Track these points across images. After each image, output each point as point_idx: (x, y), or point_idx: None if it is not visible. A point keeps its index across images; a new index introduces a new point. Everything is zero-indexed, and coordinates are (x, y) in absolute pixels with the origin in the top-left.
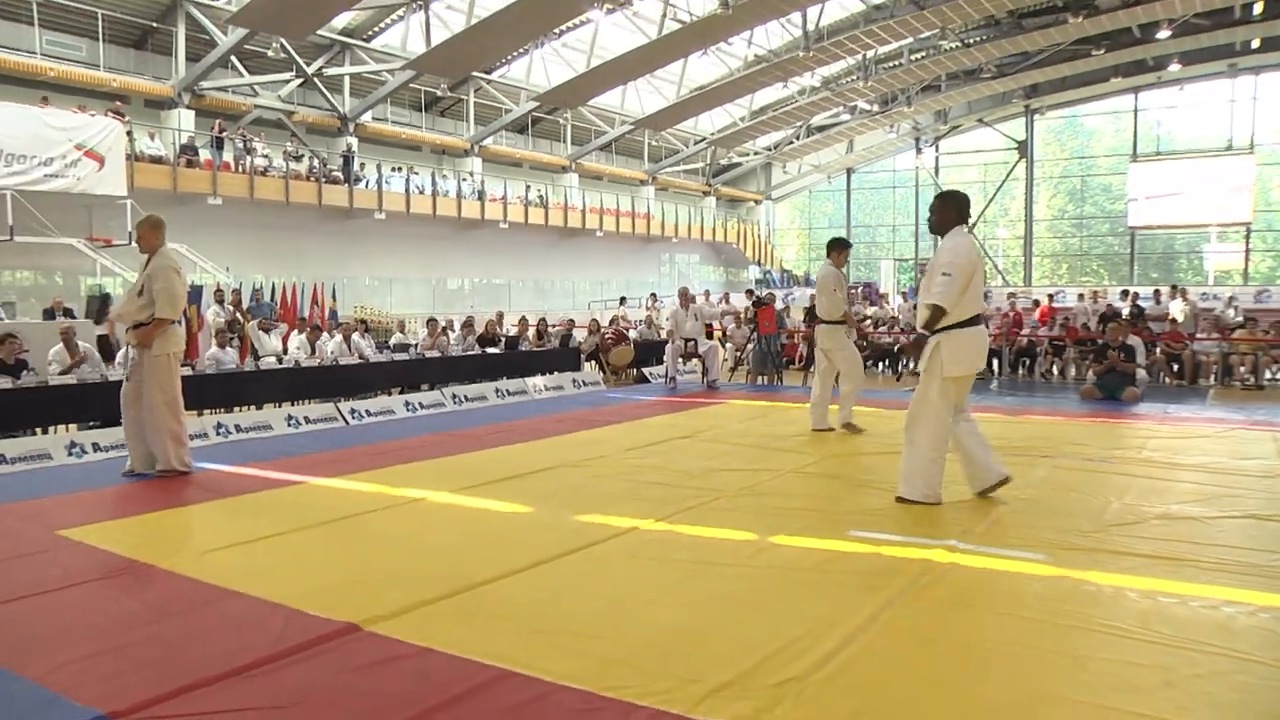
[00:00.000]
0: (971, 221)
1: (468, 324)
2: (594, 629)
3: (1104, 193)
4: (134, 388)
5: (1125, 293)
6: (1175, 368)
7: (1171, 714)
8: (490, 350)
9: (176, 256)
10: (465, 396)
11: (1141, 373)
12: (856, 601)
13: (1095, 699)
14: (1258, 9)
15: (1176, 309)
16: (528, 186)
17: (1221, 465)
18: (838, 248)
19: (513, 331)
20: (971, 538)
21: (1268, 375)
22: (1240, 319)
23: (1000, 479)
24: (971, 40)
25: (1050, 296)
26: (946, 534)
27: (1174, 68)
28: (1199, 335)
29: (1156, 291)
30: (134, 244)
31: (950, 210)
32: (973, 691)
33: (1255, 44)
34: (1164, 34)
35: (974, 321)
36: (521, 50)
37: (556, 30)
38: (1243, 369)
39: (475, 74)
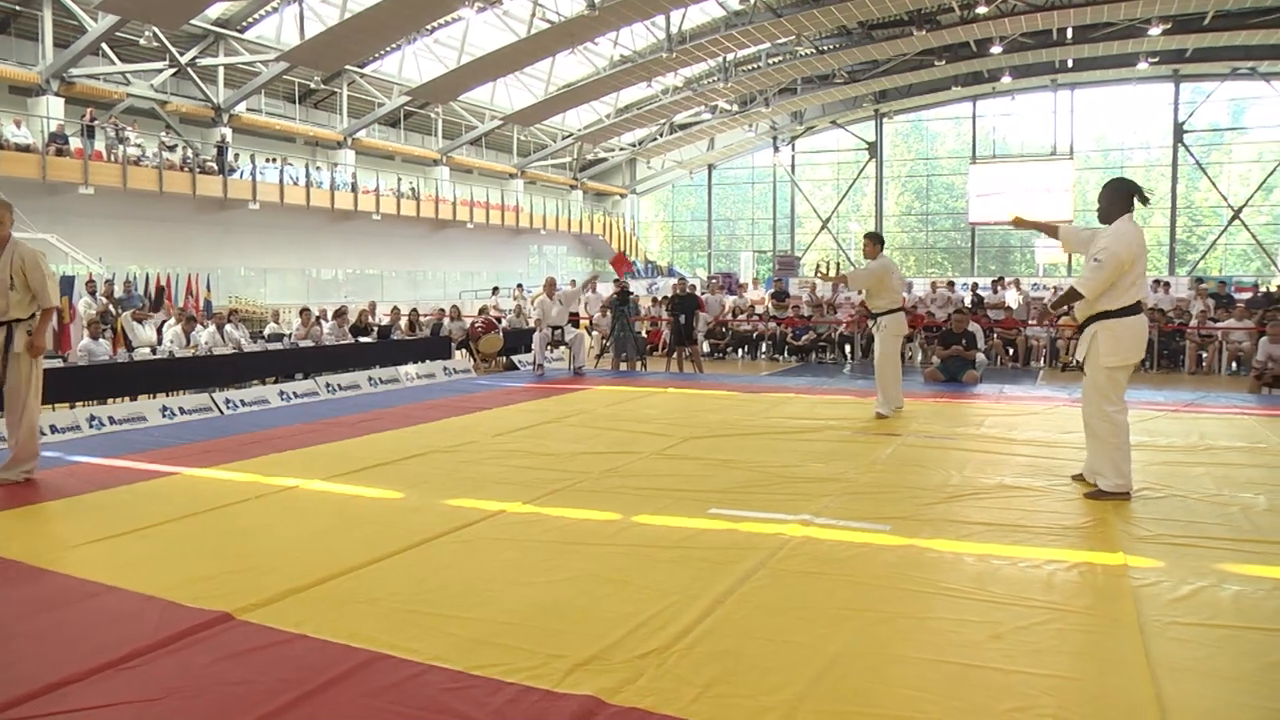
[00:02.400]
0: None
1: (341, 314)
2: (463, 610)
3: (947, 191)
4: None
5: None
6: (1010, 351)
7: (998, 662)
8: (363, 339)
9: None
10: (339, 385)
11: (980, 356)
12: (715, 576)
13: (934, 655)
14: (1069, 33)
15: (1011, 298)
16: (400, 179)
17: (1049, 439)
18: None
19: (385, 321)
20: (824, 513)
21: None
22: (1066, 308)
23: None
24: (825, 48)
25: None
26: (801, 510)
27: (1006, 80)
28: (1030, 322)
29: (994, 282)
30: None
31: (1118, 197)
32: (823, 655)
33: (1070, 63)
34: (997, 49)
35: (1133, 310)
36: (394, 45)
37: (428, 26)
38: (1066, 352)
39: (349, 67)
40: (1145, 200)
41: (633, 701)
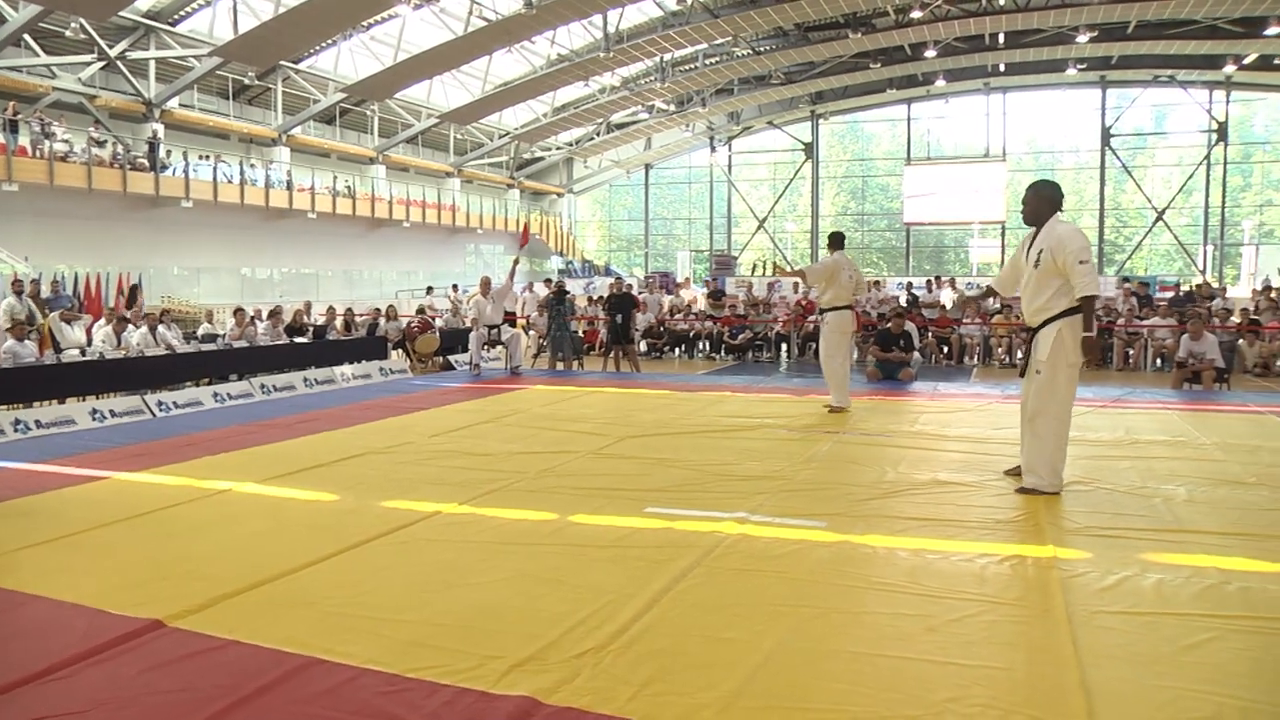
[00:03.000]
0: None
1: (276, 314)
2: (398, 612)
3: (882, 192)
4: None
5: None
6: (945, 349)
7: (932, 655)
8: (298, 340)
9: None
10: (273, 386)
11: (916, 354)
12: (652, 574)
13: (868, 649)
14: (1001, 39)
15: (946, 297)
16: (335, 177)
17: (981, 436)
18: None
19: (321, 321)
20: (760, 510)
21: (1019, 355)
22: (998, 306)
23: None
24: (762, 49)
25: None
26: (737, 507)
27: (940, 83)
28: (964, 320)
29: (928, 281)
30: None
31: (1045, 200)
32: (759, 651)
33: (1002, 67)
34: (931, 53)
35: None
36: (329, 41)
37: (364, 23)
38: (1000, 350)
39: (283, 63)
40: (1061, 206)
41: (569, 701)
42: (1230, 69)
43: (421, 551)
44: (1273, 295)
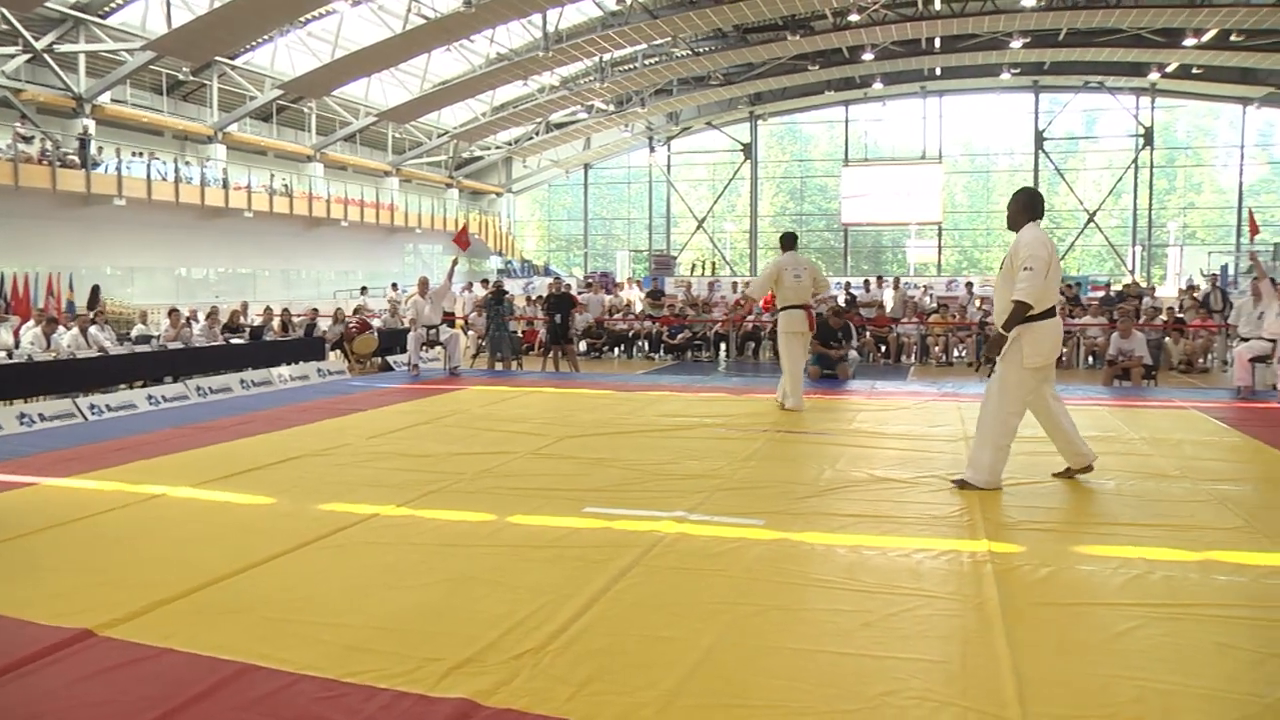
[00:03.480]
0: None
1: (212, 314)
2: (335, 616)
3: (820, 193)
4: None
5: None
6: (883, 349)
7: (869, 649)
8: (235, 341)
9: None
10: (209, 388)
11: (853, 353)
12: (590, 574)
13: (807, 645)
14: (937, 43)
15: (888, 297)
16: (273, 175)
17: (918, 433)
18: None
19: (258, 321)
20: (698, 509)
21: (956, 353)
22: (935, 305)
23: (1088, 463)
24: (701, 50)
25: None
26: (675, 506)
27: (877, 86)
28: (901, 319)
29: (866, 281)
30: None
31: (1023, 207)
32: (698, 648)
33: (938, 71)
34: (868, 56)
35: (1051, 313)
36: (266, 37)
37: (302, 19)
38: (937, 349)
39: (219, 58)
40: (1041, 213)
41: (508, 703)
42: (1154, 77)
43: (359, 554)
44: (1195, 295)
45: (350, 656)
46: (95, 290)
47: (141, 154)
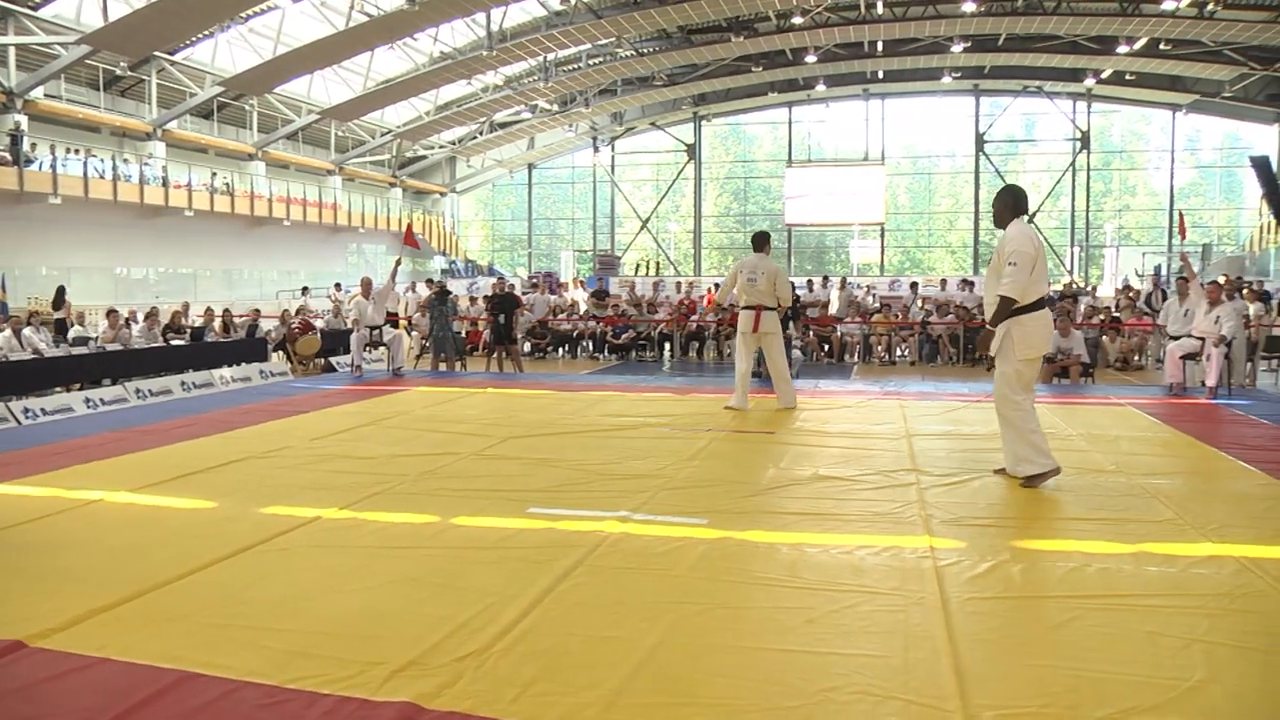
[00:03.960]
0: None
1: (151, 315)
2: (277, 621)
3: (764, 193)
4: None
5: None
6: (826, 347)
7: (812, 646)
8: (175, 342)
9: None
10: (149, 391)
11: (797, 352)
12: (534, 575)
13: (750, 643)
14: (880, 46)
15: (834, 296)
16: (214, 174)
17: (861, 431)
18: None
19: (199, 323)
20: (642, 508)
21: (898, 352)
22: (877, 305)
23: (1053, 470)
24: (645, 50)
25: (717, 285)
26: (619, 506)
27: (821, 88)
28: (845, 319)
29: (809, 281)
30: None
31: (1007, 204)
32: (641, 648)
33: (881, 74)
34: (811, 58)
35: (1039, 305)
36: (206, 32)
37: (243, 14)
38: (880, 348)
39: (158, 54)
40: (1025, 209)
41: (451, 705)
42: (1090, 82)
43: (302, 558)
44: (1130, 294)
45: (292, 662)
46: (60, 291)
47: (78, 151)
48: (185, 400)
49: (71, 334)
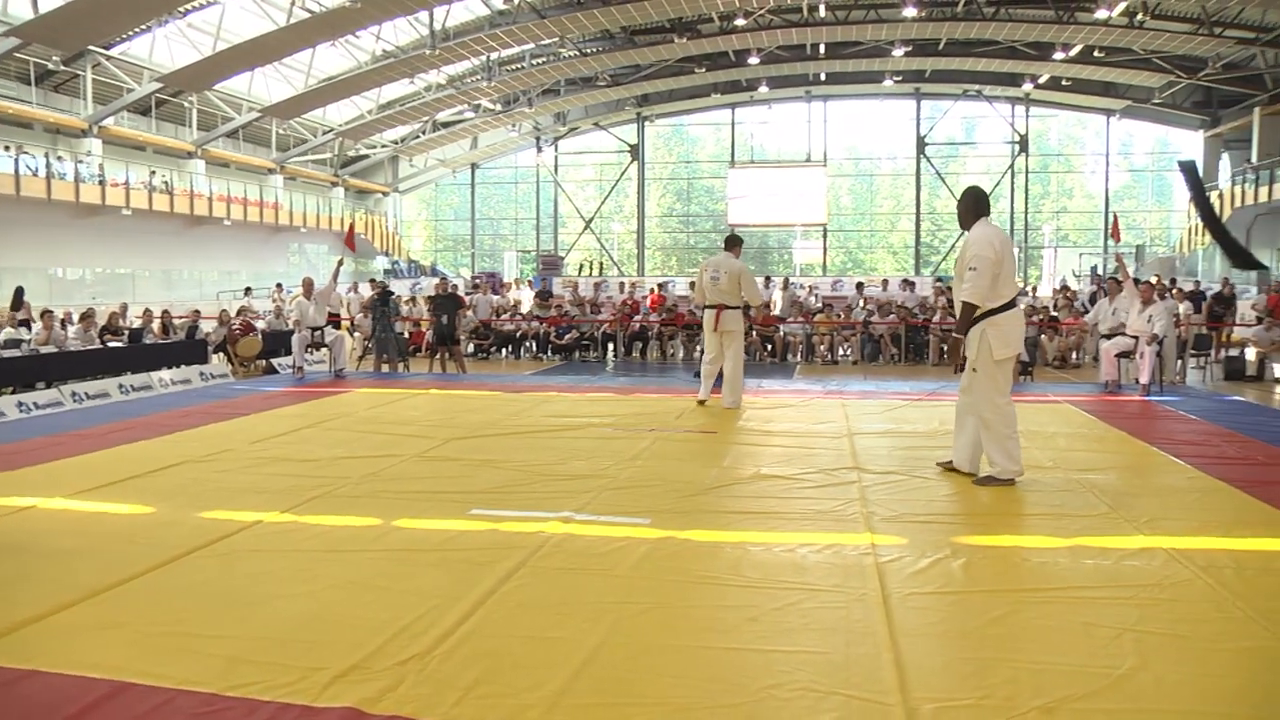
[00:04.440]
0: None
1: (88, 316)
2: (217, 628)
3: (707, 194)
4: None
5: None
6: (769, 347)
7: (755, 644)
8: (113, 344)
9: None
10: (85, 394)
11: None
12: (477, 577)
13: (692, 642)
14: (822, 49)
15: (777, 297)
16: (152, 172)
17: (803, 430)
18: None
19: (137, 324)
20: (585, 509)
21: (841, 352)
22: (820, 305)
23: (974, 475)
24: (588, 50)
25: (660, 285)
26: (562, 507)
27: (764, 89)
28: (788, 319)
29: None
30: None
31: (969, 206)
32: (584, 648)
33: (823, 76)
34: (754, 60)
35: (1011, 305)
36: (144, 26)
37: (181, 9)
38: (822, 347)
39: (93, 48)
40: (987, 210)
41: (394, 710)
42: (1028, 87)
43: (242, 563)
44: (1068, 294)
45: (232, 669)
46: (19, 291)
47: (9, 148)
48: (123, 403)
49: (3, 336)
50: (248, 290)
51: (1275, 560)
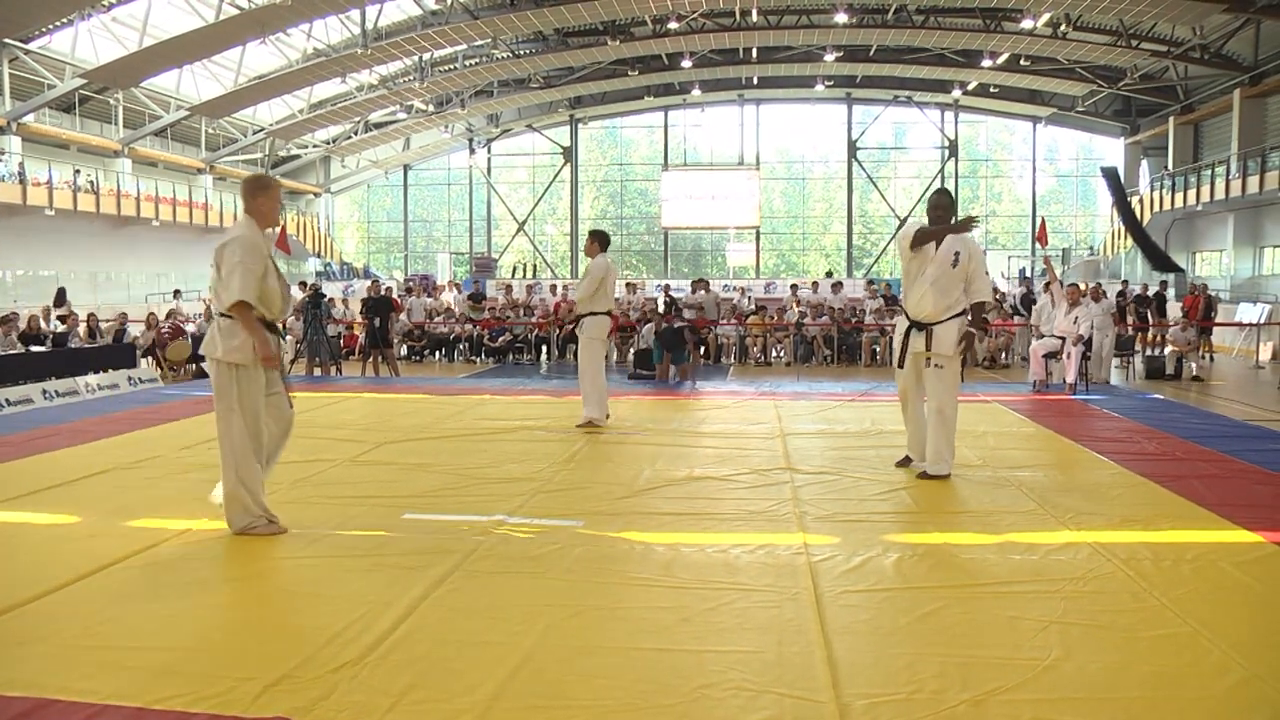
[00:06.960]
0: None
1: (9, 320)
2: (144, 640)
3: (640, 196)
4: None
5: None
6: (702, 349)
7: (687, 644)
8: (35, 349)
9: None
10: (7, 400)
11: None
12: (409, 582)
13: (625, 643)
14: (755, 53)
15: (704, 299)
16: (77, 171)
17: (736, 431)
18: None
19: (61, 328)
20: (518, 512)
21: (774, 353)
22: (753, 307)
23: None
24: (521, 52)
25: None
26: (495, 510)
27: (696, 93)
28: (721, 320)
29: (694, 283)
30: None
31: (944, 205)
32: (518, 652)
33: (756, 80)
34: (687, 64)
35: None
36: (66, 20)
37: (105, 2)
38: (755, 349)
39: (9, 41)
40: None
41: (327, 718)
42: (957, 93)
43: (171, 572)
44: (998, 296)
45: (159, 681)
46: (61, 292)
47: None
48: (47, 409)
49: None
50: (177, 293)
51: (1189, 551)
